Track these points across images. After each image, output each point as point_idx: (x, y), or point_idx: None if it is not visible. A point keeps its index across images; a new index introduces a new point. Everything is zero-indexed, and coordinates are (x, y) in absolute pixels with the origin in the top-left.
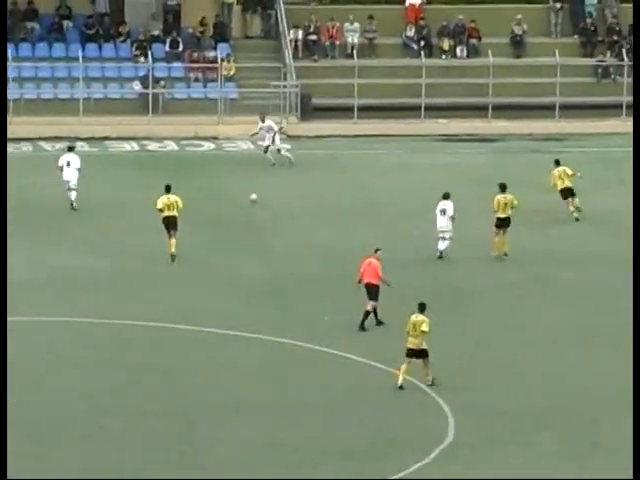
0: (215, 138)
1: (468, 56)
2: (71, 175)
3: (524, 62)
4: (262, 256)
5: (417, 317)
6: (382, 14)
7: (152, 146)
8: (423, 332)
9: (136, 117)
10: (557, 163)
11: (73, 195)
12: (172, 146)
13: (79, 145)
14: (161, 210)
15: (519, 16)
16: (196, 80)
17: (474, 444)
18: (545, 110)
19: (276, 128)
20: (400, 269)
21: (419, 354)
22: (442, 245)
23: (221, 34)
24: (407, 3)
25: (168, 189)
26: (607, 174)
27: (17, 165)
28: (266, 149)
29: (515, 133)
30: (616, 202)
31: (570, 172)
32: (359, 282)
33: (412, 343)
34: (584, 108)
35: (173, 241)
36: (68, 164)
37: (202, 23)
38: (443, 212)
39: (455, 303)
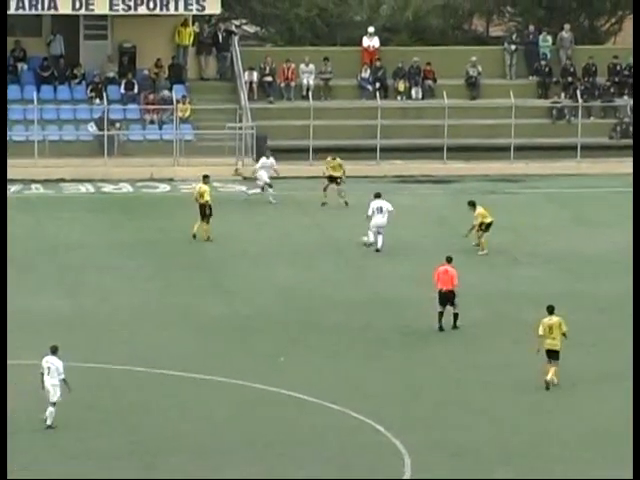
0: (171, 180)
1: (423, 97)
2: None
3: (479, 103)
4: (220, 296)
5: (551, 319)
6: (337, 56)
7: (107, 188)
8: (564, 333)
9: (91, 159)
10: (473, 204)
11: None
12: (127, 188)
13: (34, 187)
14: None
15: (474, 58)
16: (151, 122)
17: None
18: (500, 151)
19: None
20: (360, 309)
21: (555, 355)
22: (380, 241)
23: (176, 76)
24: (363, 45)
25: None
26: (563, 214)
27: None
28: (267, 186)
29: (471, 174)
30: (574, 242)
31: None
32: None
33: (550, 345)
34: (539, 149)
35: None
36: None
37: (157, 65)
38: (380, 210)
39: (416, 342)
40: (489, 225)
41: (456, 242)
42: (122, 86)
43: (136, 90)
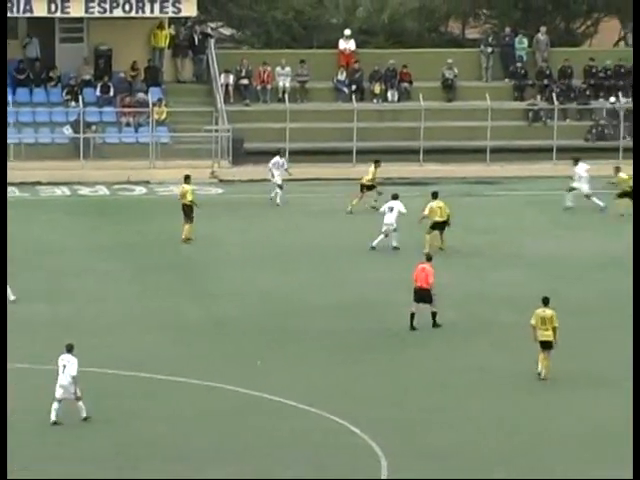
0: (147, 182)
1: (400, 100)
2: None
3: (455, 106)
4: (200, 299)
5: (545, 311)
6: (314, 58)
7: (84, 191)
8: (555, 328)
9: (68, 162)
10: (434, 196)
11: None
12: (104, 191)
13: (10, 190)
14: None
15: (450, 60)
16: (128, 125)
17: None
18: (477, 153)
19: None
20: (339, 312)
21: (548, 345)
22: (394, 241)
23: (153, 78)
24: (339, 48)
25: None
26: (540, 217)
27: None
28: (278, 187)
29: (447, 176)
30: (550, 245)
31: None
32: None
33: (542, 336)
34: (516, 151)
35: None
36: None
37: (133, 68)
38: (390, 209)
39: (395, 345)
40: (442, 225)
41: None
42: (98, 89)
43: (112, 93)
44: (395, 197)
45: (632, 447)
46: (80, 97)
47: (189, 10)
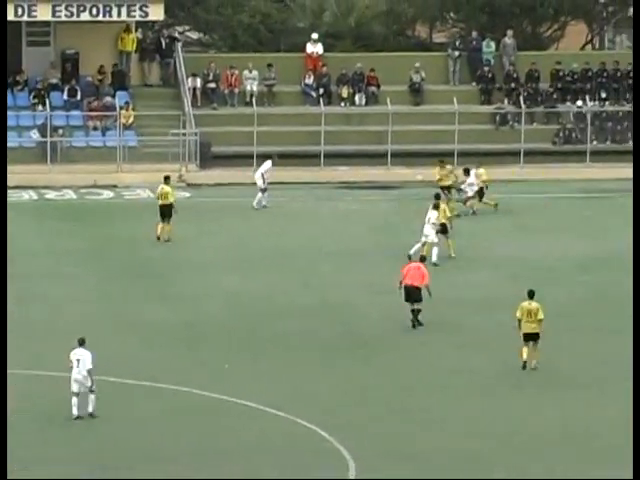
0: (114, 186)
1: (367, 104)
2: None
3: (423, 109)
4: (167, 303)
5: (530, 304)
6: (281, 62)
7: (51, 195)
8: (540, 320)
9: (34, 166)
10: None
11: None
12: (71, 195)
13: None
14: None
15: (417, 64)
16: (95, 128)
17: None
18: (444, 157)
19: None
20: (306, 315)
21: (534, 337)
22: (434, 256)
23: (120, 82)
24: (306, 51)
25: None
26: (507, 220)
27: None
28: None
29: (415, 180)
30: (517, 248)
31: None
32: (400, 285)
33: (527, 328)
34: (483, 155)
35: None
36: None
37: (100, 71)
38: (428, 220)
39: (363, 348)
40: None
41: (400, 248)
42: (65, 92)
43: (79, 97)
44: (436, 207)
45: (632, 447)
46: (47, 101)
47: (156, 14)
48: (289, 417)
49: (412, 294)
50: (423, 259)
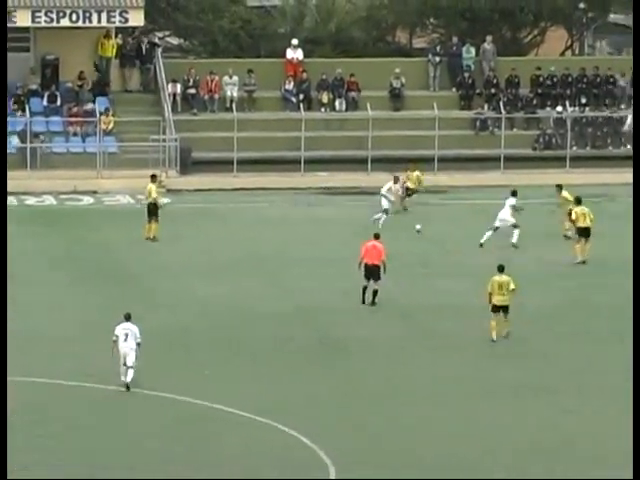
0: (94, 192)
1: (347, 109)
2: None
3: (403, 115)
4: (143, 309)
5: (501, 277)
6: (261, 68)
7: (31, 201)
8: (512, 290)
9: (14, 172)
10: (578, 201)
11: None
12: (51, 200)
13: None
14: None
15: (397, 69)
16: (75, 134)
17: None
18: (424, 162)
19: None
20: (281, 322)
21: (504, 309)
22: (514, 237)
23: (100, 88)
24: (286, 57)
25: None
26: (487, 226)
27: None
28: None
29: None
30: (496, 254)
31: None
32: (359, 265)
33: (498, 300)
34: (463, 160)
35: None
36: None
37: (80, 77)
38: (503, 205)
39: (340, 353)
40: (586, 231)
41: None
42: (45, 98)
43: (59, 102)
44: (514, 194)
45: (632, 447)
46: (27, 107)
47: (136, 20)
48: (271, 423)
49: (372, 273)
50: (377, 236)
